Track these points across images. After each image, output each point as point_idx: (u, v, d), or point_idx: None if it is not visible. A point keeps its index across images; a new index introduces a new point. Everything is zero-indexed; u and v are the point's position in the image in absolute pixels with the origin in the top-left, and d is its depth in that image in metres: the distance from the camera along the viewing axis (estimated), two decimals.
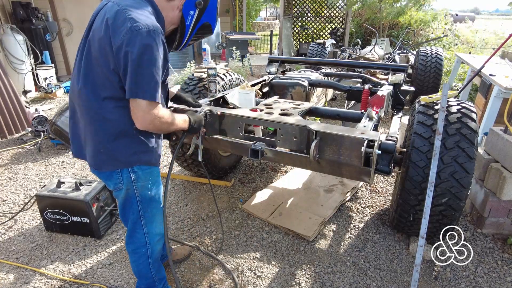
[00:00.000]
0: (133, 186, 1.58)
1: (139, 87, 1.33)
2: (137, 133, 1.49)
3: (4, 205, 3.02)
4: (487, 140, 2.75)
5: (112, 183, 1.59)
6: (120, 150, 1.49)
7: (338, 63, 4.35)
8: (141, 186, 1.59)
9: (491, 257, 2.42)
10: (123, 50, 1.30)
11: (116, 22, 1.33)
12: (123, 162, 1.51)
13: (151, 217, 1.71)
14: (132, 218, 1.67)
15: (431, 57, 5.41)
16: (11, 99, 4.61)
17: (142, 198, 1.63)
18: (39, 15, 7.05)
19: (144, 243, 1.73)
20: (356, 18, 11.35)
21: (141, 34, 1.29)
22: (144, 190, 1.61)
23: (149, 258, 1.78)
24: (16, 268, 2.30)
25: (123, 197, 1.62)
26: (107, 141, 1.46)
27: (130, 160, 1.52)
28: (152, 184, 1.64)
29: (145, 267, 1.80)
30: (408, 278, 2.23)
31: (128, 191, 1.59)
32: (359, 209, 2.97)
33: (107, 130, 1.45)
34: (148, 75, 1.33)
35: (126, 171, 1.54)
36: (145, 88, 1.34)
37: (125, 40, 1.29)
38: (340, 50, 6.76)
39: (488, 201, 2.54)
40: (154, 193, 1.66)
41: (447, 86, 1.75)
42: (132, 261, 1.81)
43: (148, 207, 1.67)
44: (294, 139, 2.10)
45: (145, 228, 1.71)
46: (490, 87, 3.90)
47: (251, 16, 15.12)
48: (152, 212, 1.70)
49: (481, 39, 9.53)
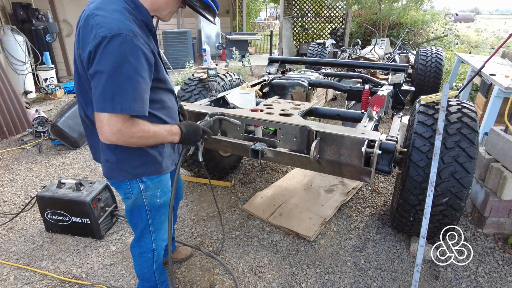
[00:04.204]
0: (142, 196, 1.54)
1: (104, 100, 1.19)
2: None
3: (5, 206, 3.02)
4: (488, 139, 2.75)
5: (122, 192, 1.55)
6: (126, 162, 1.44)
7: (338, 63, 4.34)
8: (150, 195, 1.56)
9: (492, 257, 2.42)
10: (90, 60, 1.20)
11: (84, 28, 1.23)
12: (131, 173, 1.47)
13: (159, 224, 1.67)
14: (141, 225, 1.64)
15: (431, 57, 5.41)
16: (12, 100, 4.62)
17: (151, 206, 1.59)
18: (40, 16, 7.06)
19: (151, 248, 1.71)
20: (356, 18, 11.36)
21: (103, 41, 1.16)
22: (153, 198, 1.57)
23: (154, 263, 1.76)
24: (17, 269, 2.30)
25: (130, 205, 1.59)
26: (113, 153, 1.42)
27: (137, 172, 1.47)
28: (162, 192, 1.60)
29: (149, 271, 1.78)
30: (409, 278, 2.22)
31: (137, 200, 1.55)
32: (359, 209, 2.96)
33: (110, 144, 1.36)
34: (113, 83, 1.19)
35: (135, 181, 1.50)
36: (111, 98, 1.19)
37: (90, 48, 1.18)
38: (340, 50, 6.76)
39: (488, 201, 2.54)
40: (163, 200, 1.62)
41: (447, 86, 1.75)
42: (136, 264, 1.79)
43: (157, 214, 1.63)
44: (294, 139, 2.10)
45: (153, 234, 1.67)
46: (490, 87, 3.89)
47: (251, 17, 15.13)
48: (161, 219, 1.67)
49: (484, 39, 9.54)
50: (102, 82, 1.18)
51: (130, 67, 1.20)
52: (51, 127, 4.10)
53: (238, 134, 2.30)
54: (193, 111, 2.30)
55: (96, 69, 1.19)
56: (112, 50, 1.17)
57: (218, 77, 3.12)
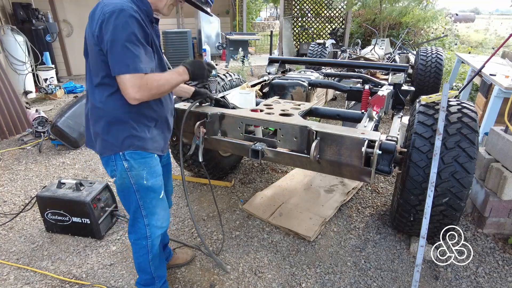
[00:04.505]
0: (128, 175, 1.62)
1: (119, 63, 1.39)
2: (131, 119, 1.55)
3: (5, 206, 3.02)
4: (488, 140, 2.75)
5: (109, 170, 1.65)
6: (113, 134, 1.56)
7: (338, 63, 4.34)
8: (136, 175, 1.62)
9: (492, 257, 2.41)
10: (101, 34, 1.39)
11: (94, 12, 1.45)
12: (117, 146, 1.57)
13: (151, 208, 1.72)
14: (132, 207, 1.71)
15: (431, 57, 5.40)
16: (12, 100, 4.61)
17: (139, 187, 1.65)
18: (40, 16, 7.06)
19: (145, 235, 1.75)
20: (356, 18, 11.35)
21: (111, 16, 1.37)
22: (140, 180, 1.64)
23: (149, 252, 1.79)
24: (17, 269, 2.30)
25: (119, 185, 1.67)
26: (102, 126, 1.55)
27: (124, 144, 1.56)
28: (148, 174, 1.65)
29: (144, 260, 1.81)
30: (409, 278, 2.22)
31: (124, 180, 1.64)
32: (359, 209, 2.96)
33: (101, 118, 1.55)
34: (124, 50, 1.38)
35: (119, 158, 1.59)
36: (126, 62, 1.38)
37: (99, 24, 1.39)
38: (340, 50, 6.75)
39: (488, 201, 2.54)
40: (151, 183, 1.67)
41: (447, 86, 1.75)
42: (133, 252, 1.83)
43: (147, 197, 1.69)
44: (294, 140, 2.10)
45: (146, 219, 1.73)
46: (490, 87, 3.89)
47: (251, 17, 15.13)
48: (152, 203, 1.71)
49: (485, 39, 9.54)
50: (114, 50, 1.38)
51: (134, 36, 1.40)
52: (51, 127, 4.10)
53: (238, 134, 2.30)
54: (193, 111, 2.30)
55: (107, 38, 1.38)
56: (118, 22, 1.37)
57: (218, 77, 3.12)
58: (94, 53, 1.47)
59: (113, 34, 1.37)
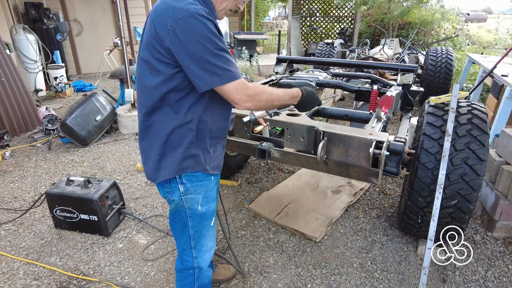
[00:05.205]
0: (182, 199, 1.45)
1: (211, 74, 1.22)
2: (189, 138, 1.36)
3: (15, 202, 3.08)
4: (499, 141, 2.70)
5: (162, 191, 1.50)
6: (171, 156, 1.37)
7: (346, 63, 4.31)
8: (191, 199, 1.46)
9: (501, 261, 2.38)
10: (175, 42, 1.22)
11: (159, 16, 1.26)
12: (174, 170, 1.38)
13: (200, 238, 1.56)
14: (183, 236, 1.55)
15: (441, 57, 5.33)
16: (23, 98, 4.69)
17: (192, 213, 1.48)
18: (51, 15, 7.16)
19: (192, 266, 1.62)
20: (365, 18, 11.26)
21: (185, 21, 1.20)
22: (194, 204, 1.47)
23: (194, 282, 1.65)
24: (26, 264, 2.33)
25: (172, 210, 1.54)
26: (160, 148, 1.37)
27: (181, 167, 1.38)
28: (204, 198, 1.48)
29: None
30: (416, 281, 2.20)
31: (177, 204, 1.48)
32: (366, 210, 2.94)
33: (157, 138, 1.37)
34: (213, 58, 1.22)
35: (174, 182, 1.42)
36: (217, 72, 1.23)
37: (171, 32, 1.21)
38: (348, 50, 6.71)
39: (499, 204, 2.50)
40: (205, 209, 1.50)
41: (457, 86, 1.72)
42: (177, 279, 1.70)
43: (199, 225, 1.52)
44: (301, 140, 2.09)
45: (194, 250, 1.58)
46: (502, 88, 3.83)
47: (259, 16, 15.12)
48: (202, 232, 1.55)
49: (497, 39, 9.40)
50: (200, 62, 1.21)
51: (214, 44, 1.23)
52: (61, 125, 4.15)
53: (245, 133, 2.30)
54: None
55: (187, 51, 1.21)
56: (195, 29, 1.19)
57: None
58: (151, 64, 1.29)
59: (192, 43, 1.21)
